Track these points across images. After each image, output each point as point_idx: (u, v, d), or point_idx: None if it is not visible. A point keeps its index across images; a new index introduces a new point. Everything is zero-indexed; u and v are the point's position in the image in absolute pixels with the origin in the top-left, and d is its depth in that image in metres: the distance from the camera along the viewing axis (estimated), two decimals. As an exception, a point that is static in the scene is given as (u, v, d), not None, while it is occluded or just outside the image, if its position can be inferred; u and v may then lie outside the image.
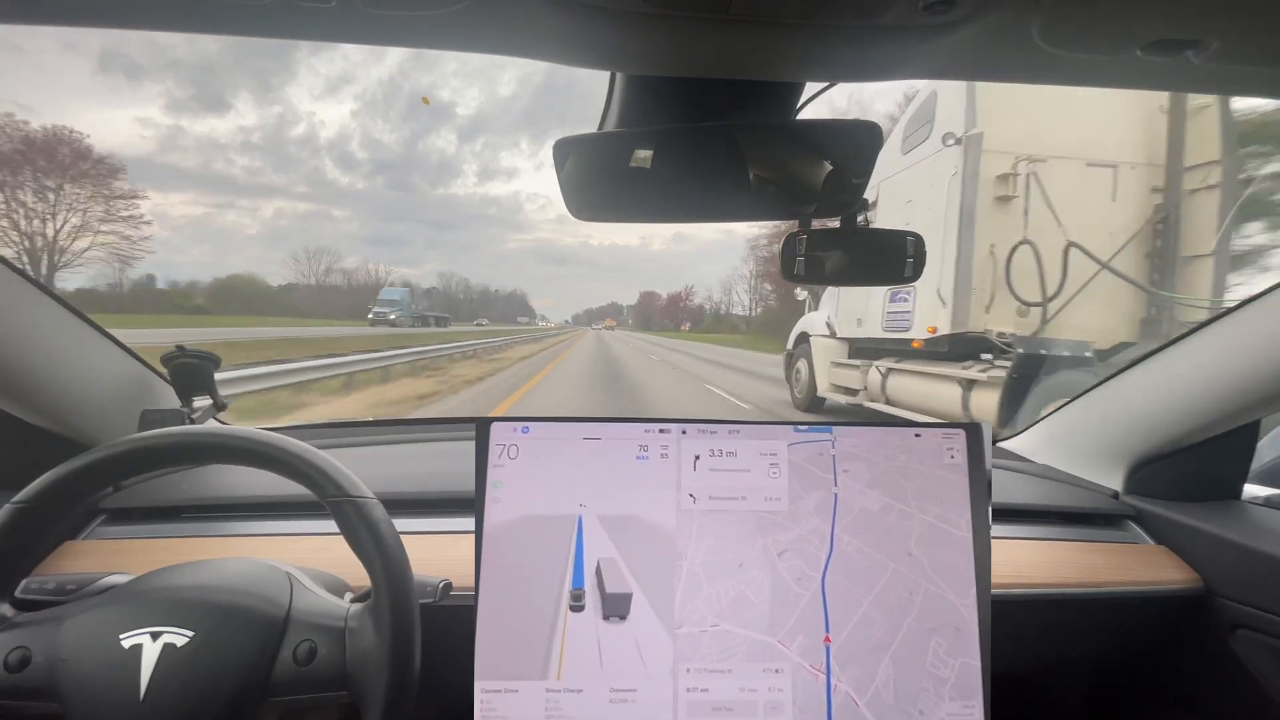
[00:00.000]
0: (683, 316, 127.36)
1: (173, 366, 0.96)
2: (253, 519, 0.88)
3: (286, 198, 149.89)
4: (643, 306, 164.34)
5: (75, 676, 0.51)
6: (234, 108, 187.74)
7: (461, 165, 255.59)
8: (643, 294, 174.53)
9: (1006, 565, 0.86)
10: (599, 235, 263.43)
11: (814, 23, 0.43)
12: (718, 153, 0.64)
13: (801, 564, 0.67)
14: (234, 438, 0.58)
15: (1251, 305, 0.82)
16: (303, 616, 0.56)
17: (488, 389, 9.63)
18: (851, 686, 0.65)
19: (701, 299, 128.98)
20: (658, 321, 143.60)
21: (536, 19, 0.44)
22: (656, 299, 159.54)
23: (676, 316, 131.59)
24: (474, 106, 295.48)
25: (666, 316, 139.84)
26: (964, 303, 4.82)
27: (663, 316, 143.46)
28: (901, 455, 0.70)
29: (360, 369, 8.63)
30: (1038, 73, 0.51)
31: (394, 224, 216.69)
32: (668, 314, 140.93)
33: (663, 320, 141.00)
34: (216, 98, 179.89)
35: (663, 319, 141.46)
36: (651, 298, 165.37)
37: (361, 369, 8.69)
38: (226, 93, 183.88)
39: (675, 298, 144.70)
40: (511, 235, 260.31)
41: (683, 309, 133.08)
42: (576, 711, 0.63)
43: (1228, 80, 0.51)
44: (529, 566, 0.65)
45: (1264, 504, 0.97)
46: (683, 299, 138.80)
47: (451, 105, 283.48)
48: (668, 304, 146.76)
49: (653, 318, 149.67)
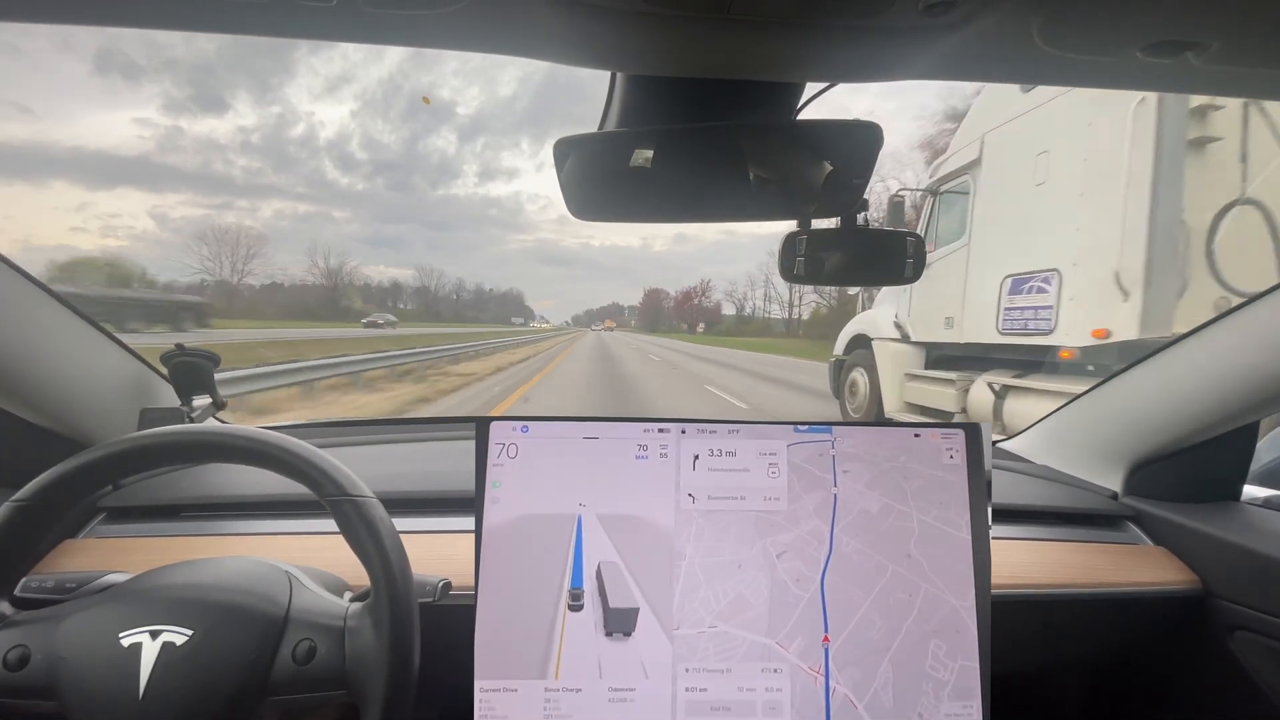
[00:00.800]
0: (697, 317, 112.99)
1: (172, 365, 0.96)
2: (252, 518, 0.88)
3: (285, 198, 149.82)
4: (649, 306, 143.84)
5: (74, 675, 0.51)
6: (233, 108, 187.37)
7: (462, 166, 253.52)
8: (648, 292, 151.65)
9: (1005, 566, 0.86)
10: (600, 236, 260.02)
11: (814, 23, 0.43)
12: (718, 153, 0.64)
13: (800, 565, 0.67)
14: (234, 436, 0.58)
15: (1251, 306, 0.82)
16: (302, 616, 0.56)
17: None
18: (850, 689, 0.65)
19: (721, 295, 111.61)
20: (666, 322, 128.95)
21: (536, 18, 0.44)
22: (663, 297, 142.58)
23: (690, 317, 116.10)
24: (475, 106, 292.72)
25: (678, 317, 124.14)
26: (1163, 295, 3.38)
27: (673, 316, 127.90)
28: (901, 456, 0.70)
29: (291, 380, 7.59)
30: (1038, 74, 0.51)
31: (394, 225, 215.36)
32: (680, 314, 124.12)
33: (673, 320, 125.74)
34: (215, 98, 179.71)
35: (673, 319, 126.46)
36: (658, 296, 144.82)
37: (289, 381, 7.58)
38: (225, 93, 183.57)
39: (688, 294, 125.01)
40: (512, 236, 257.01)
41: (695, 308, 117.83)
42: (575, 711, 0.63)
43: (1228, 81, 0.51)
44: (528, 566, 0.65)
45: (1263, 505, 0.97)
46: (696, 296, 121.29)
47: (452, 105, 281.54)
48: (679, 302, 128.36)
49: (660, 318, 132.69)
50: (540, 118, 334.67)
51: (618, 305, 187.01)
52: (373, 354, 11.07)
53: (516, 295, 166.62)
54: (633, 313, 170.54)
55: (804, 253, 0.74)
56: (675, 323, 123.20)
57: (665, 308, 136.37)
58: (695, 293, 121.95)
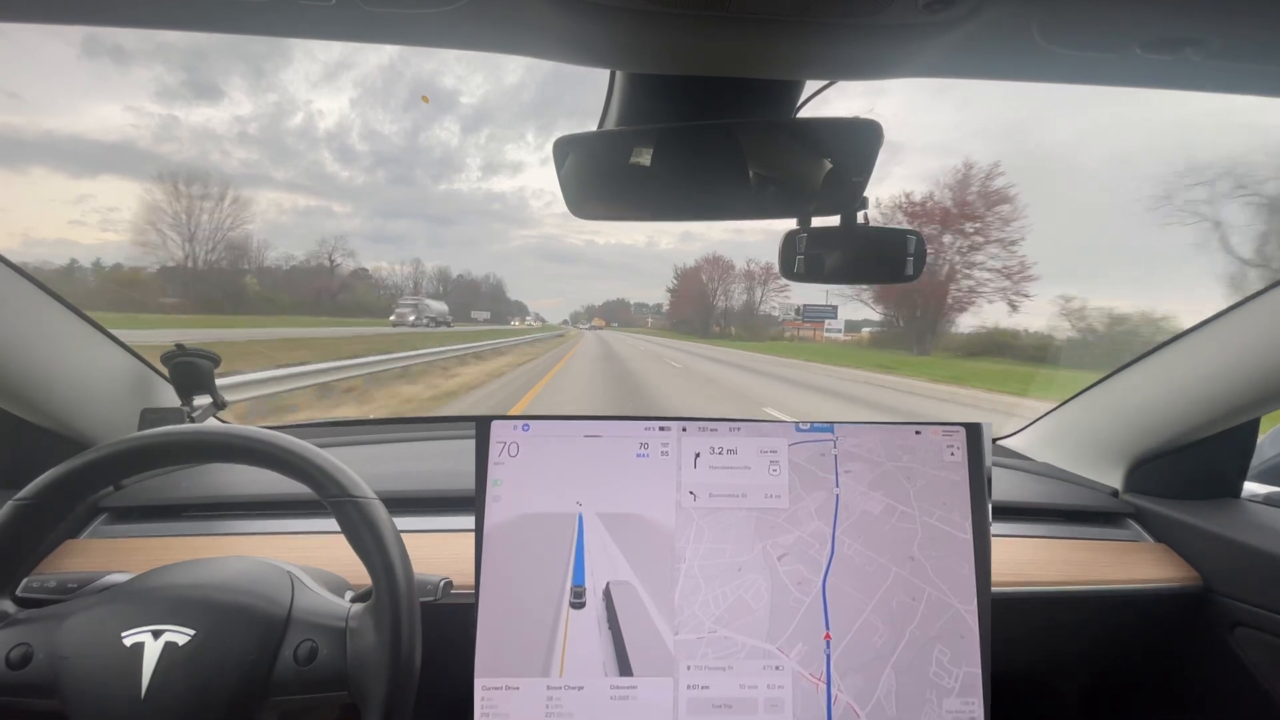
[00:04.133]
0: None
1: (173, 365, 0.96)
2: (254, 518, 0.88)
3: (279, 188, 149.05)
4: (688, 297, 76.10)
5: (76, 674, 0.51)
6: (227, 95, 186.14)
7: (465, 159, 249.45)
8: (683, 275, 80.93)
9: (1006, 563, 0.86)
10: (605, 233, 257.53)
11: (813, 20, 0.43)
12: (718, 151, 0.64)
13: (802, 568, 0.66)
14: (235, 436, 0.58)
15: (1252, 303, 0.82)
16: (304, 616, 0.56)
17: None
18: (852, 697, 0.64)
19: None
20: (705, 325, 68.39)
21: (536, 17, 0.44)
22: (719, 274, 72.17)
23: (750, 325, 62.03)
24: (479, 95, 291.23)
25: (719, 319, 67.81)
26: None
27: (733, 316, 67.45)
28: (904, 456, 0.69)
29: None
30: (1038, 71, 0.51)
31: (396, 220, 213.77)
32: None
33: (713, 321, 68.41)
34: (209, 85, 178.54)
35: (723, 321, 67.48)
36: (695, 283, 75.86)
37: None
38: (219, 79, 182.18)
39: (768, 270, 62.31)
40: (516, 231, 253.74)
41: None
42: (577, 708, 0.63)
43: (1228, 78, 0.51)
44: (529, 564, 0.65)
45: (1264, 502, 0.97)
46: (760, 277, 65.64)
47: (456, 94, 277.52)
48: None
49: (708, 317, 70.34)
50: (547, 108, 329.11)
51: (623, 302, 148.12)
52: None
53: (495, 284, 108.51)
54: (650, 311, 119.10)
55: (804, 251, 0.74)
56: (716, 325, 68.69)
57: (717, 298, 72.26)
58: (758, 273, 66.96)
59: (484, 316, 77.52)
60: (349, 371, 8.10)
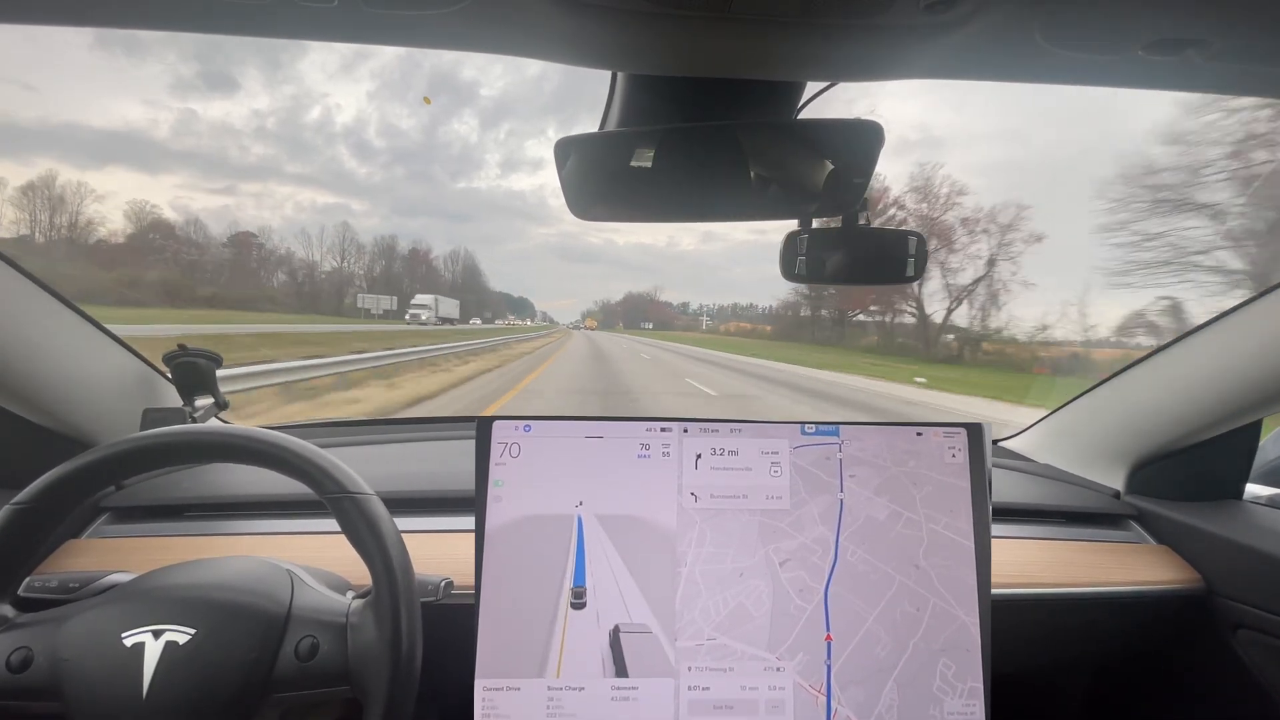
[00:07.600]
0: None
1: (174, 365, 0.96)
2: (254, 517, 0.89)
3: (301, 184, 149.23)
4: None
5: (78, 676, 0.51)
6: (242, 87, 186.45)
7: (484, 155, 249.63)
8: None
9: (1008, 565, 0.86)
10: (625, 233, 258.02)
11: (814, 22, 0.43)
12: (719, 152, 0.64)
13: (804, 575, 0.66)
14: (235, 436, 0.58)
15: (1253, 304, 0.82)
16: (304, 613, 0.56)
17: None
18: (853, 710, 0.63)
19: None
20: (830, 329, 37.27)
21: (538, 18, 0.44)
22: None
23: None
24: (500, 87, 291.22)
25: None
26: None
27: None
28: (910, 460, 0.68)
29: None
30: (1040, 72, 0.51)
31: (414, 218, 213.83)
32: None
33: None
34: (224, 76, 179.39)
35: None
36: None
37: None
38: (234, 70, 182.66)
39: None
40: (535, 229, 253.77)
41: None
42: (578, 708, 0.63)
43: (1230, 80, 0.51)
44: (530, 564, 0.65)
45: (1266, 504, 0.97)
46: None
47: (475, 86, 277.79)
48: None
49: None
50: (568, 103, 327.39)
51: (646, 297, 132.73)
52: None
53: (469, 257, 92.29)
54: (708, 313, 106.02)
55: (805, 252, 0.74)
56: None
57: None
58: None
59: (419, 312, 49.40)
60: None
